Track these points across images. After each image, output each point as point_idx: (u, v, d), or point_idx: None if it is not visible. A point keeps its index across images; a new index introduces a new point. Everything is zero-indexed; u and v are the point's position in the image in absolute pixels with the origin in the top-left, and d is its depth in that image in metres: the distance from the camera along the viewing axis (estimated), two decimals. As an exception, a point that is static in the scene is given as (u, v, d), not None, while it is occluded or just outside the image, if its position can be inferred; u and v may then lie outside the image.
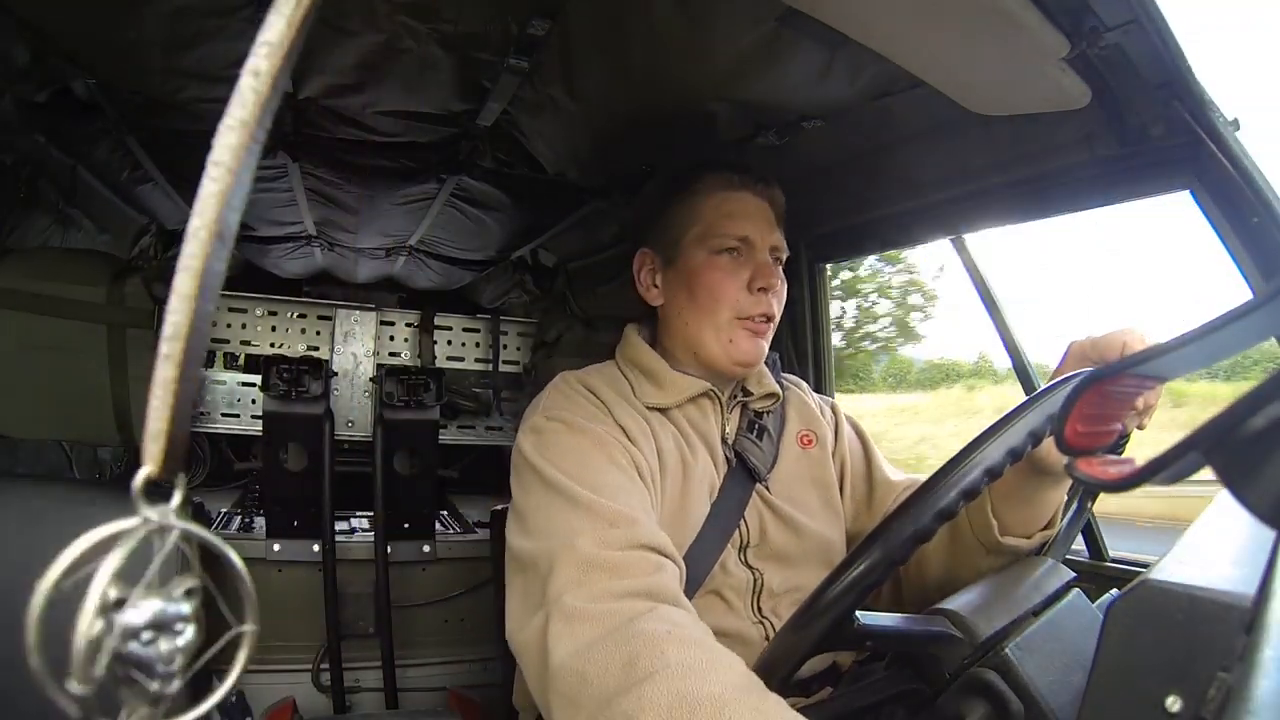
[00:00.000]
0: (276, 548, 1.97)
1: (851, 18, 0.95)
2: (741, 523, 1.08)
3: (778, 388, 1.19)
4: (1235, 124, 0.98)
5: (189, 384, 0.24)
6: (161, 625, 0.22)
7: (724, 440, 1.13)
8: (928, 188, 1.42)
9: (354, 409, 2.30)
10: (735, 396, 1.17)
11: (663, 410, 1.10)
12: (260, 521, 2.12)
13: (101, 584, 0.22)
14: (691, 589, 1.01)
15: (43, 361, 1.46)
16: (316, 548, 1.99)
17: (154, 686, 0.22)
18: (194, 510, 1.46)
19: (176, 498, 0.23)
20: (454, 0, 1.06)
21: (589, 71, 1.24)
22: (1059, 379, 0.79)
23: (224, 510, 2.29)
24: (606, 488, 0.90)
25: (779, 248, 1.15)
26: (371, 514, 2.11)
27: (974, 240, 1.46)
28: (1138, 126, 1.03)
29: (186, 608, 0.23)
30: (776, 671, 0.69)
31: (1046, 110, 1.08)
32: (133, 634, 0.22)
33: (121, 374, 1.55)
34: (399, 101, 1.38)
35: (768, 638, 1.02)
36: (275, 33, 0.26)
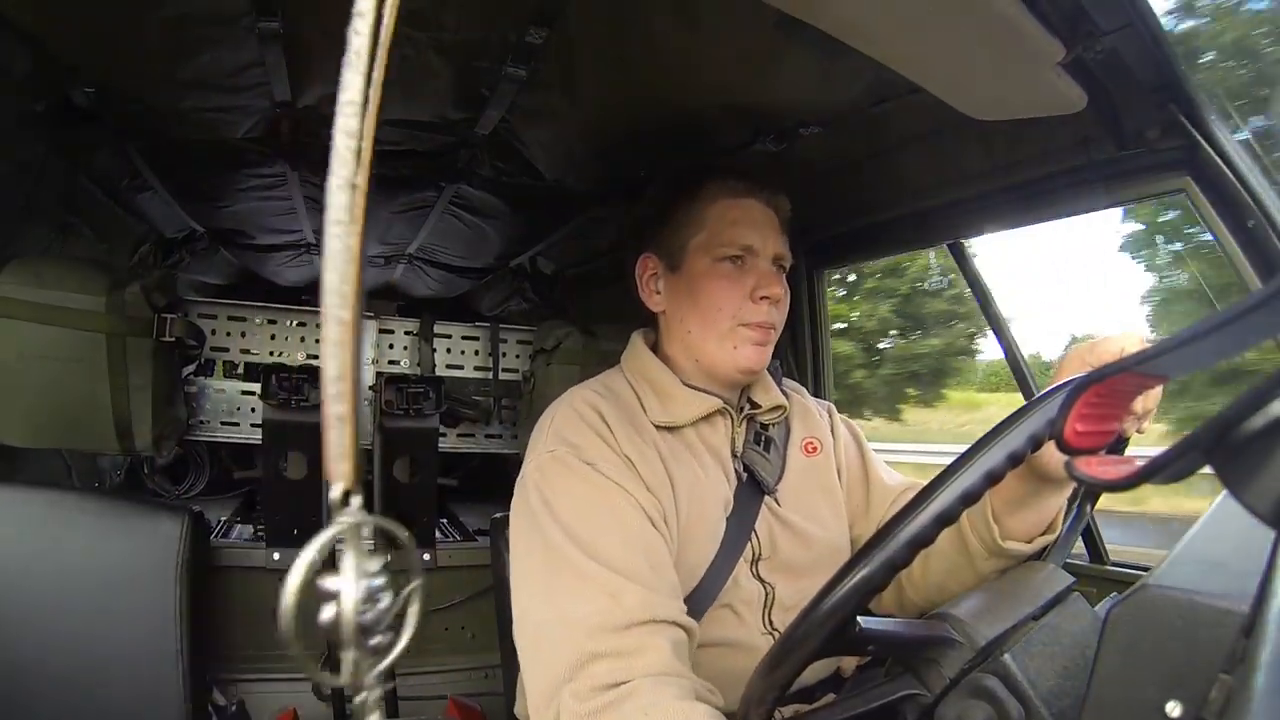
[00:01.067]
0: (276, 556, 1.97)
1: (848, 24, 0.95)
2: (752, 536, 1.07)
3: (784, 400, 1.17)
4: (1232, 125, 0.98)
5: (357, 414, 0.28)
6: (372, 598, 0.28)
7: (734, 454, 1.12)
8: (926, 193, 1.42)
9: None
10: (742, 409, 1.15)
11: (673, 429, 1.08)
12: (260, 530, 2.11)
13: (350, 574, 0.28)
14: (705, 603, 1.01)
15: (42, 370, 1.46)
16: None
17: (374, 641, 0.28)
18: (194, 519, 1.45)
19: (356, 500, 0.28)
20: (452, 9, 1.06)
21: (587, 79, 1.25)
22: (1058, 383, 0.79)
23: (223, 519, 2.28)
24: (609, 549, 0.89)
25: (782, 256, 1.13)
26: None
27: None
28: (1134, 130, 1.04)
29: (382, 580, 0.29)
30: (778, 676, 0.69)
31: (1043, 114, 1.08)
32: (360, 609, 0.28)
33: (121, 382, 1.55)
34: (397, 110, 1.38)
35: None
36: (356, 91, 0.30)
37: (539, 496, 0.95)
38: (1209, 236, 1.03)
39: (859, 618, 0.65)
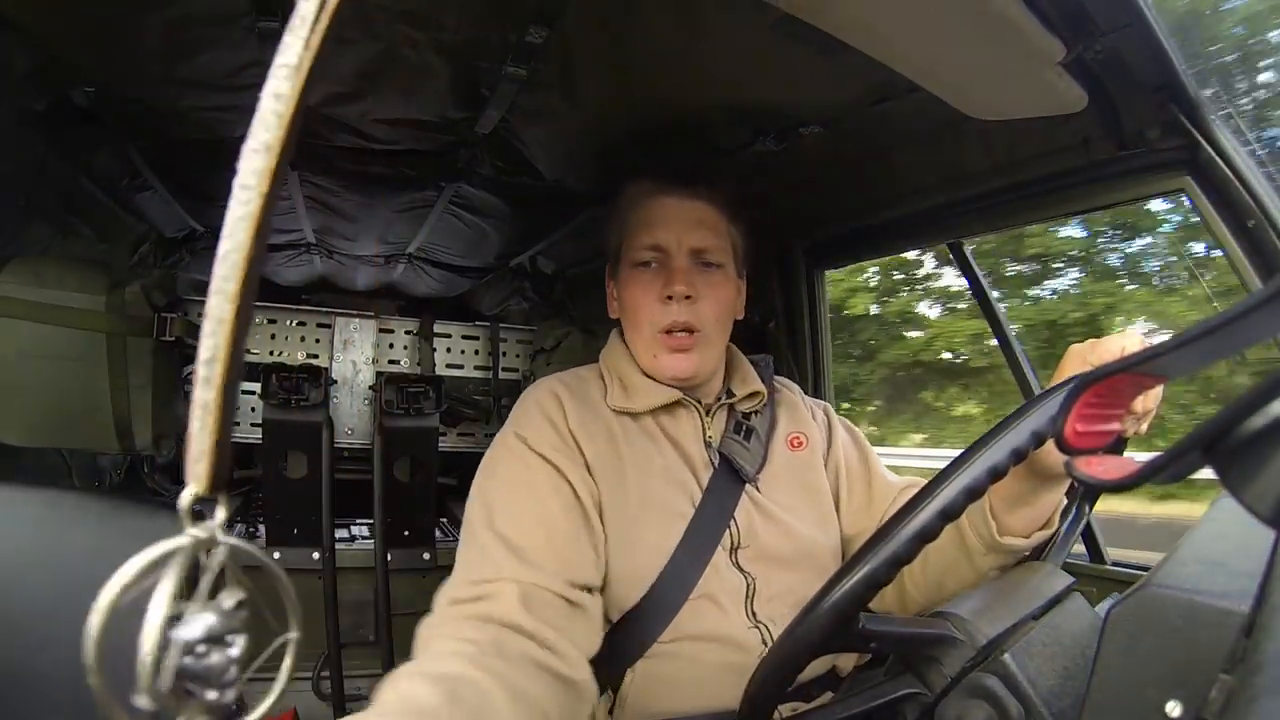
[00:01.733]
0: (276, 555, 1.96)
1: (849, 24, 0.95)
2: (731, 524, 1.07)
3: (761, 386, 1.18)
4: (1232, 126, 0.98)
5: (229, 405, 0.24)
6: (215, 638, 0.23)
7: (707, 443, 1.12)
8: (926, 192, 1.42)
9: (354, 417, 2.30)
10: (719, 399, 1.16)
11: (631, 415, 1.10)
12: (260, 529, 2.12)
13: (162, 602, 0.23)
14: (682, 593, 1.01)
15: (42, 369, 1.46)
16: (316, 555, 1.99)
17: (211, 696, 0.23)
18: (194, 518, 1.46)
19: (220, 514, 0.24)
20: (452, 8, 1.06)
21: (587, 79, 1.25)
22: (1058, 383, 0.79)
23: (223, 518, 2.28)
24: (507, 523, 0.93)
25: (704, 249, 1.10)
26: (371, 522, 2.10)
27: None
28: (1134, 129, 1.04)
29: (237, 620, 0.24)
30: (781, 672, 0.69)
31: (1043, 114, 1.08)
32: (190, 648, 0.23)
33: (121, 382, 1.55)
34: (397, 109, 1.38)
35: (764, 642, 1.01)
36: (293, 54, 0.27)
37: (480, 476, 1.01)
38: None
39: (862, 615, 0.65)
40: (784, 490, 1.13)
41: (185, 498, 0.24)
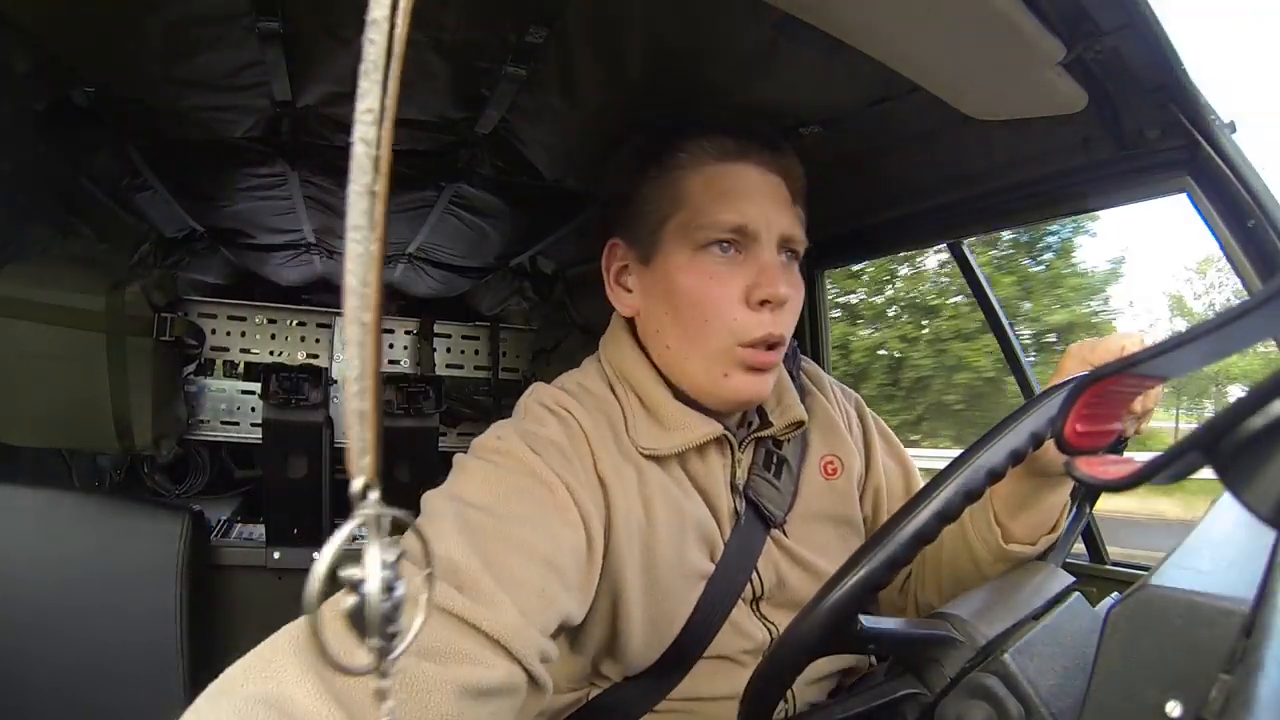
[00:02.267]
0: (276, 555, 1.97)
1: (848, 23, 0.95)
2: (754, 574, 0.92)
3: (803, 413, 0.96)
4: (1231, 126, 0.98)
5: (379, 409, 0.29)
6: (391, 586, 0.29)
7: (733, 487, 0.92)
8: (926, 193, 1.42)
9: None
10: (750, 427, 0.96)
11: (659, 458, 0.87)
12: (260, 530, 2.12)
13: (373, 564, 0.29)
14: (696, 652, 0.88)
15: (42, 369, 1.47)
16: (317, 555, 1.98)
17: (392, 628, 0.29)
18: (194, 518, 1.46)
19: (374, 494, 0.29)
20: (452, 8, 1.06)
21: (587, 79, 1.25)
22: (1058, 382, 0.79)
23: (224, 518, 2.28)
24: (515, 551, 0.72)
25: (792, 238, 0.90)
26: None
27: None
28: (1134, 130, 1.04)
29: (398, 570, 0.30)
30: (780, 675, 0.69)
31: (1043, 114, 1.08)
32: (382, 598, 0.29)
33: (121, 382, 1.55)
34: (397, 109, 1.38)
35: (785, 699, 0.85)
36: (374, 100, 0.29)
37: (451, 483, 0.82)
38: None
39: (861, 616, 0.65)
40: (814, 529, 0.98)
41: (356, 485, 0.29)
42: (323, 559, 0.29)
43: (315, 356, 2.29)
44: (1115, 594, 0.81)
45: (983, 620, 0.70)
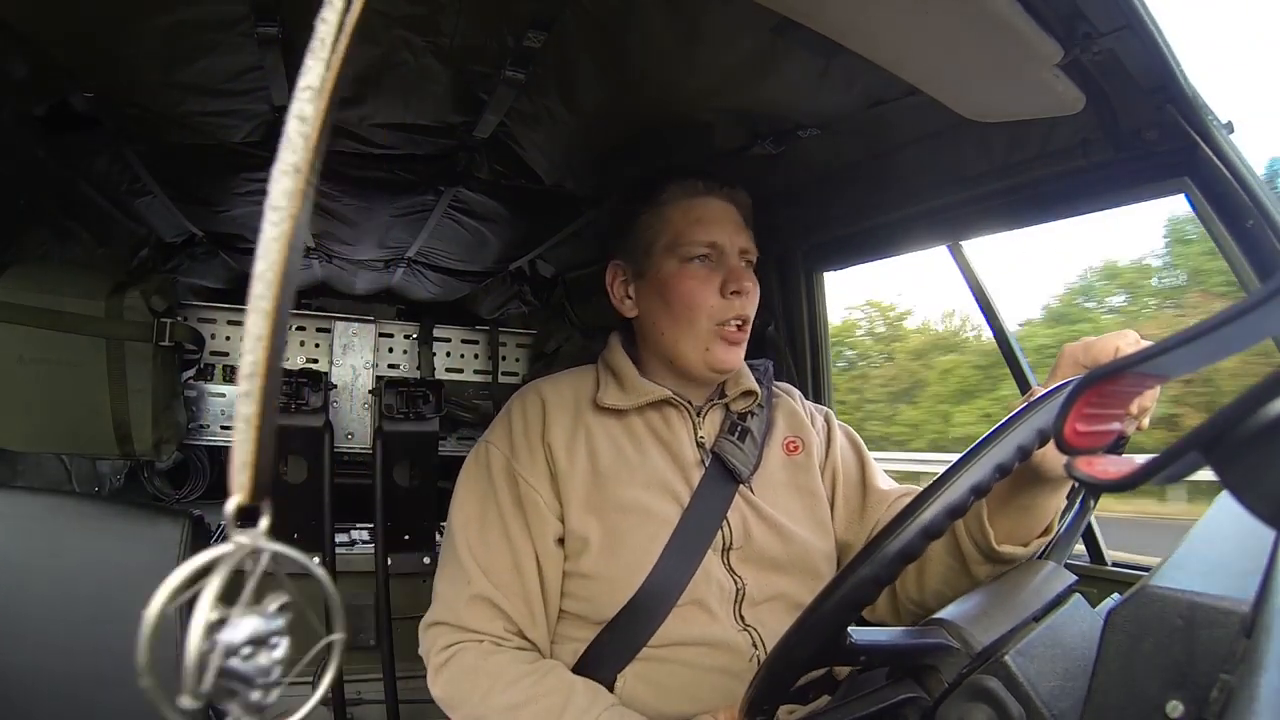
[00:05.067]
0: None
1: (846, 26, 0.95)
2: (724, 525, 1.08)
3: (755, 386, 1.18)
4: (1229, 127, 0.98)
5: (269, 417, 0.26)
6: (259, 640, 0.25)
7: (699, 443, 1.14)
8: (925, 195, 1.42)
9: (353, 421, 2.29)
10: (712, 400, 1.18)
11: (618, 412, 1.13)
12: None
13: (207, 606, 0.24)
14: (670, 598, 1.03)
15: (42, 375, 1.46)
16: (317, 560, 1.98)
17: (255, 697, 0.25)
18: (194, 523, 1.45)
19: (264, 522, 0.25)
20: (450, 13, 1.07)
21: (585, 83, 1.25)
22: (1055, 385, 0.79)
23: (223, 523, 2.28)
24: (484, 546, 1.06)
25: (748, 250, 1.15)
26: (371, 526, 2.10)
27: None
28: (1132, 131, 1.04)
29: (280, 622, 0.26)
30: (773, 691, 0.69)
31: (1041, 116, 1.08)
32: (234, 650, 0.25)
33: (121, 387, 1.55)
34: (396, 114, 1.38)
35: (754, 645, 1.02)
36: (315, 77, 0.27)
37: (459, 483, 1.15)
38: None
39: (850, 629, 0.65)
40: (779, 493, 1.14)
41: (229, 507, 0.25)
42: (162, 590, 0.25)
43: (315, 361, 2.28)
44: (1115, 595, 0.81)
45: (978, 625, 0.70)
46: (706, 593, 1.03)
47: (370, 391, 2.25)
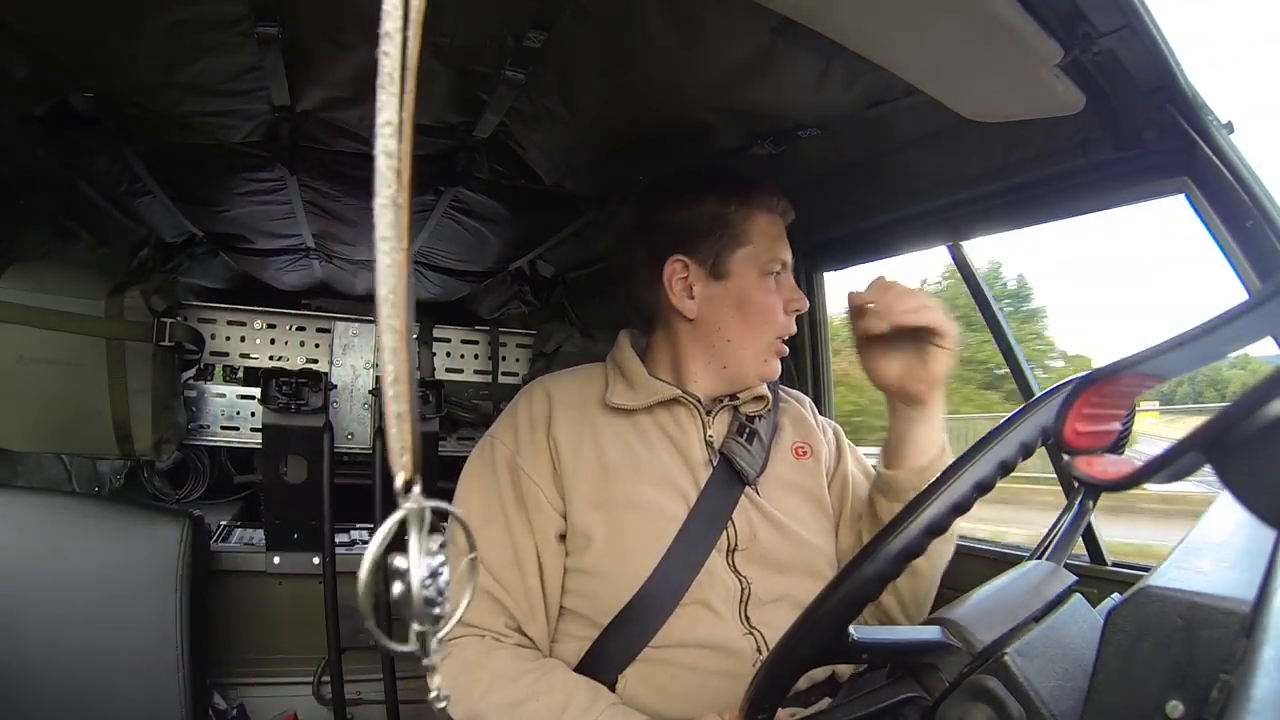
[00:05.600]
0: (276, 560, 1.97)
1: (846, 27, 0.95)
2: (729, 525, 1.08)
3: (765, 390, 1.18)
4: (1229, 127, 0.98)
5: (415, 412, 0.31)
6: (435, 573, 0.31)
7: (708, 442, 1.13)
8: (925, 195, 1.42)
9: (353, 421, 2.29)
10: (721, 401, 1.17)
11: (627, 411, 1.12)
12: (260, 534, 2.11)
13: (416, 553, 0.31)
14: (673, 598, 1.03)
15: (42, 374, 1.47)
16: (317, 560, 1.98)
17: (438, 610, 0.32)
18: (194, 523, 1.46)
19: (417, 488, 0.31)
20: (450, 13, 1.06)
21: (585, 83, 1.25)
22: (1054, 385, 0.79)
23: (223, 523, 2.28)
24: (485, 540, 1.06)
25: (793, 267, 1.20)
26: (371, 526, 2.10)
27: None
28: (1132, 131, 1.04)
29: (442, 557, 0.32)
30: (774, 691, 0.69)
31: (1041, 116, 1.08)
32: (424, 583, 0.31)
33: (121, 386, 1.55)
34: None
35: (759, 649, 1.01)
36: (392, 113, 0.30)
37: (463, 477, 1.14)
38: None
39: (851, 627, 0.65)
40: (785, 496, 1.14)
41: (399, 481, 0.30)
42: (371, 549, 0.31)
43: (315, 361, 2.28)
44: (1116, 595, 0.81)
45: (979, 624, 0.70)
46: (711, 593, 1.03)
47: (370, 391, 2.25)
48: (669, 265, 1.14)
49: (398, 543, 0.32)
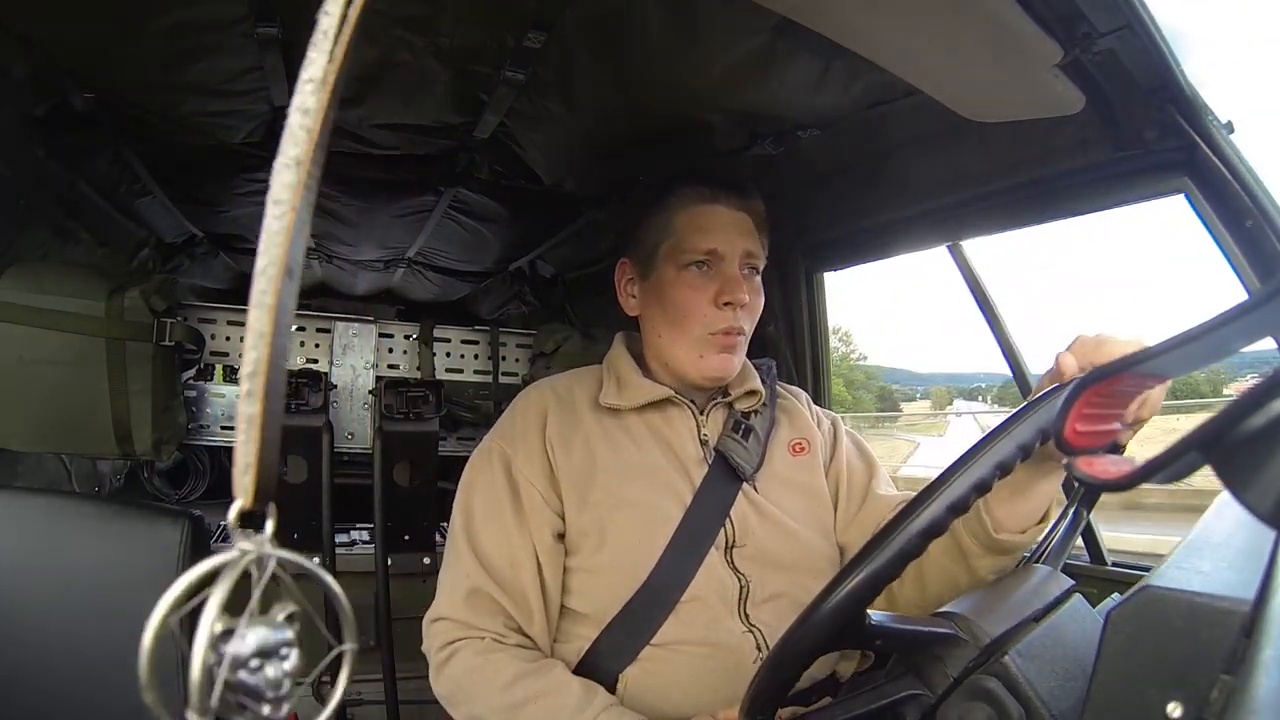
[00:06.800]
0: None
1: (846, 27, 0.95)
2: (726, 523, 1.07)
3: (759, 386, 1.17)
4: (1229, 126, 0.98)
5: (273, 418, 0.24)
6: (268, 652, 0.23)
7: (703, 441, 1.13)
8: (924, 195, 1.42)
9: (353, 421, 2.29)
10: (715, 399, 1.17)
11: (617, 412, 1.13)
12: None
13: (211, 617, 0.23)
14: (672, 596, 1.02)
15: (42, 375, 1.46)
16: (317, 560, 1.98)
17: (265, 711, 0.23)
18: (194, 524, 1.45)
19: (269, 527, 0.24)
20: (450, 14, 1.07)
21: (585, 83, 1.25)
22: (1053, 386, 0.79)
23: (223, 523, 2.27)
24: (483, 541, 1.07)
25: (753, 256, 1.14)
26: (372, 526, 2.10)
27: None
28: (1132, 131, 1.04)
29: (289, 633, 0.24)
30: (786, 668, 0.68)
31: (1041, 116, 1.08)
32: (242, 663, 0.23)
33: (121, 387, 1.55)
34: (396, 114, 1.38)
35: (758, 647, 1.01)
36: (318, 69, 0.27)
37: (463, 480, 1.14)
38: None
39: (869, 611, 0.65)
40: (782, 492, 1.13)
41: (233, 512, 0.24)
42: (162, 606, 0.23)
43: (315, 361, 2.28)
44: (1115, 595, 0.81)
45: (986, 619, 0.70)
46: (709, 590, 1.03)
47: (370, 392, 2.25)
48: (618, 269, 1.20)
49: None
